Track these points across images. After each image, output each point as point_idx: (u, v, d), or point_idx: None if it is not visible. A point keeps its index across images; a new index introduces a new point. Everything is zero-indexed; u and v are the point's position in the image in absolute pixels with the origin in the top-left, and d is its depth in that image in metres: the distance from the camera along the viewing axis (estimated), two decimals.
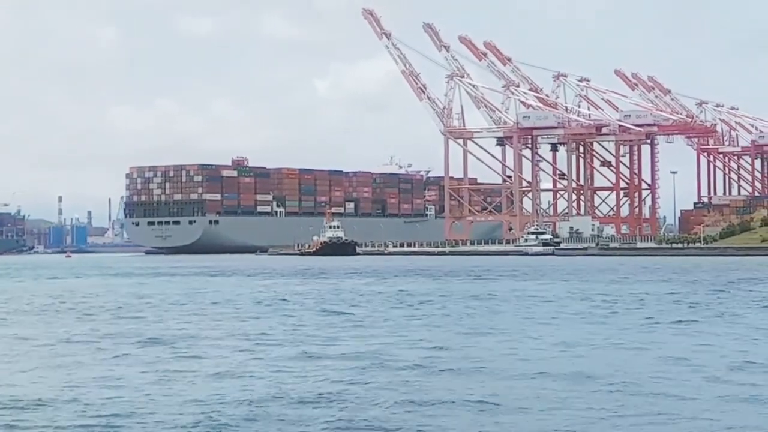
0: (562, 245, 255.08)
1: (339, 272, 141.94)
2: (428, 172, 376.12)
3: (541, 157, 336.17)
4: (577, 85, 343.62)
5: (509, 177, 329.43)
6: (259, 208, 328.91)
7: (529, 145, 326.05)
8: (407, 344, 47.41)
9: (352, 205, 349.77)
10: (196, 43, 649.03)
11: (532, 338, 49.67)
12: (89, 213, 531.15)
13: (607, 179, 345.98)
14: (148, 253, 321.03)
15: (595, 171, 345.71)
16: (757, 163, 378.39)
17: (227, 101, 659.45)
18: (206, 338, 51.46)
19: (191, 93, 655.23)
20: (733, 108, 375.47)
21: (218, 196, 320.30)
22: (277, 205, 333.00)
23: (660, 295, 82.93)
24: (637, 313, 64.65)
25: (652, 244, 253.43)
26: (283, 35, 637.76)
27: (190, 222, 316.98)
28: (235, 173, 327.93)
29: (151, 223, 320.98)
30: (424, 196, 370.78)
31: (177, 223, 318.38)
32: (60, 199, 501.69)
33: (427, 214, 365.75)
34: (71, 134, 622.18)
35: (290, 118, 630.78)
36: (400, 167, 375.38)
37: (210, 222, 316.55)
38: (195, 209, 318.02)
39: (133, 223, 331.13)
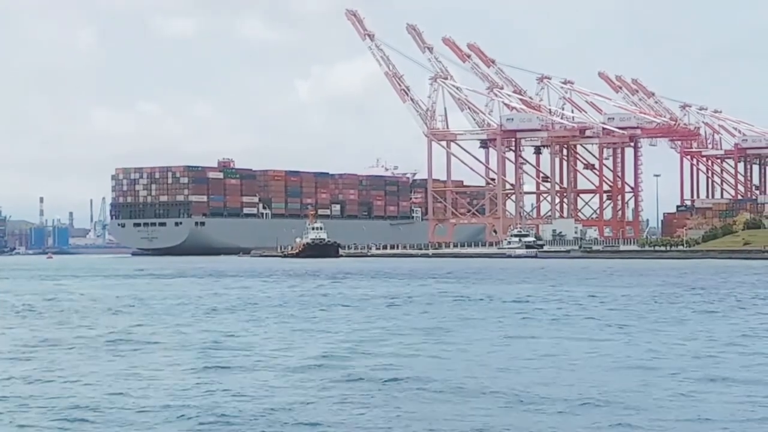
0: (545, 248, 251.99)
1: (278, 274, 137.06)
2: (414, 174, 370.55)
3: (524, 159, 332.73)
4: (561, 88, 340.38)
5: (492, 179, 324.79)
6: (246, 210, 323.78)
7: (513, 148, 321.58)
8: None
9: (338, 207, 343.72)
10: (177, 46, 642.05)
11: None
12: (71, 214, 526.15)
13: (591, 182, 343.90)
14: (134, 254, 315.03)
15: (578, 174, 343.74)
16: (740, 166, 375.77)
17: (209, 104, 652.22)
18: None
19: (172, 96, 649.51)
20: (716, 111, 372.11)
21: (204, 198, 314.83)
22: (264, 207, 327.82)
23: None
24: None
25: (635, 247, 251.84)
26: (263, 37, 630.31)
27: (176, 223, 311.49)
28: (221, 175, 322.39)
29: (137, 225, 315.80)
30: (411, 199, 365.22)
31: (163, 224, 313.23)
32: (41, 200, 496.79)
33: (413, 217, 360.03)
34: (52, 137, 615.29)
35: (272, 121, 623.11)
36: (387, 169, 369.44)
37: (196, 224, 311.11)
38: (181, 211, 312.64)
39: (119, 225, 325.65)
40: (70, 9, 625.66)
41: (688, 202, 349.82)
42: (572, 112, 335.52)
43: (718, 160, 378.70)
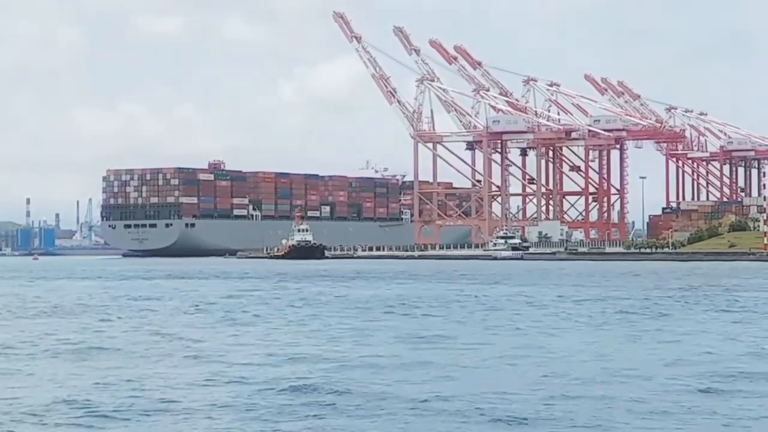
0: (531, 250, 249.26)
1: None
2: (404, 176, 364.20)
3: (510, 161, 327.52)
4: (547, 90, 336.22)
5: (479, 181, 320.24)
6: (236, 212, 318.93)
7: (499, 150, 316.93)
8: None
9: (327, 208, 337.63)
10: (160, 45, 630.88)
11: None
12: (57, 216, 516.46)
13: (577, 184, 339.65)
14: (125, 255, 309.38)
15: (564, 176, 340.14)
16: (726, 168, 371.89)
17: (192, 104, 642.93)
18: None
19: (155, 96, 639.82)
20: (702, 113, 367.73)
21: (195, 200, 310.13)
22: (254, 209, 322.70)
23: None
24: None
25: (621, 249, 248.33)
26: (245, 38, 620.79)
27: (167, 225, 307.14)
28: (211, 177, 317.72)
29: (127, 226, 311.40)
30: (400, 201, 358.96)
31: (153, 226, 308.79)
32: (28, 201, 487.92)
33: (402, 218, 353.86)
34: (37, 136, 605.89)
35: (256, 121, 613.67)
36: (376, 171, 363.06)
37: (186, 225, 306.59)
38: (172, 212, 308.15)
39: (109, 226, 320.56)
40: (53, 7, 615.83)
41: (674, 205, 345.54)
42: (558, 114, 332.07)
43: (704, 163, 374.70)
